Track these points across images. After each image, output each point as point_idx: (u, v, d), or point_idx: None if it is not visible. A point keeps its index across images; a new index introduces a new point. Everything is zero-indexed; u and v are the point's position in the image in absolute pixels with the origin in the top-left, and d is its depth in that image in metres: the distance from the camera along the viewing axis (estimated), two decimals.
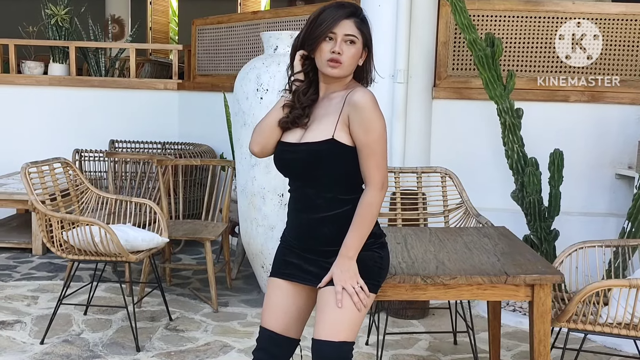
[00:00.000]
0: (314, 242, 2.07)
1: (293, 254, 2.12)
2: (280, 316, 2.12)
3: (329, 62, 1.99)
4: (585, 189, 4.32)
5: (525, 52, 4.31)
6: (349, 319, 1.99)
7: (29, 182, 3.32)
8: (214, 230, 4.09)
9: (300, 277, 2.10)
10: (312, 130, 2.03)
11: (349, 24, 1.99)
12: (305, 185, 2.06)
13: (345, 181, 2.03)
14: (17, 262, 4.91)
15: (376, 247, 2.07)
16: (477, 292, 2.23)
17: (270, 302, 2.15)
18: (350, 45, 1.99)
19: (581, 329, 2.43)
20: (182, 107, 6.03)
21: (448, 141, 4.29)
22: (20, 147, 5.94)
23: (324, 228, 2.04)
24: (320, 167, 2.00)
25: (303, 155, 2.01)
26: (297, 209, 2.10)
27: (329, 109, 2.03)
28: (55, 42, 6.10)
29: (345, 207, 2.03)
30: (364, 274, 2.01)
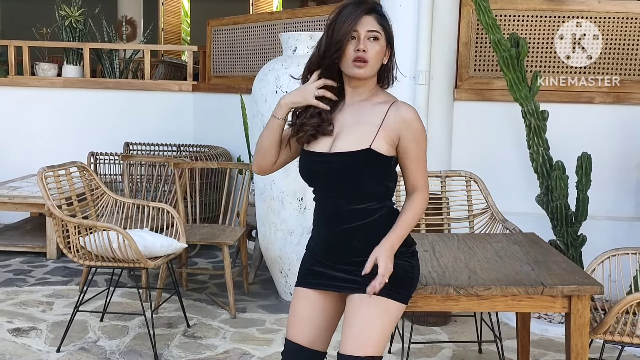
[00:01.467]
0: (343, 255, 2.00)
1: (320, 264, 2.05)
2: (307, 328, 2.04)
3: (354, 63, 1.90)
4: (611, 193, 4.22)
5: (549, 53, 4.21)
6: (376, 332, 1.92)
7: (45, 187, 3.27)
8: (231, 235, 4.02)
9: (327, 285, 2.03)
10: (344, 139, 1.94)
11: (370, 20, 1.91)
12: (334, 195, 1.98)
13: (377, 191, 1.96)
14: (32, 267, 4.87)
15: (407, 256, 2.01)
16: (511, 303, 2.15)
17: (296, 313, 2.07)
18: (374, 42, 1.91)
19: (618, 341, 2.34)
20: (197, 109, 5.97)
21: (470, 143, 4.21)
22: (34, 150, 5.91)
23: (354, 240, 1.97)
24: (354, 177, 1.93)
25: (336, 165, 1.93)
26: (325, 220, 2.03)
27: (362, 117, 1.95)
28: (69, 43, 6.06)
29: (374, 215, 1.96)
30: (395, 284, 1.94)
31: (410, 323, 3.21)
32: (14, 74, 6.09)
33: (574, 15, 4.17)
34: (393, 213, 2.00)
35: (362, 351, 1.90)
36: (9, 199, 4.98)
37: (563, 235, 3.58)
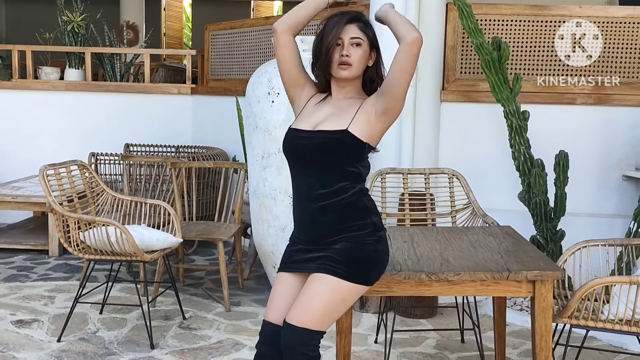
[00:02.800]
0: (316, 231, 2.16)
1: (298, 247, 2.21)
2: (283, 308, 2.17)
3: (339, 66, 2.14)
4: (592, 191, 4.37)
5: (532, 56, 4.36)
6: (319, 307, 2.06)
7: (47, 183, 3.42)
8: (226, 231, 4.18)
9: (303, 267, 2.18)
10: (326, 123, 2.14)
11: (352, 28, 2.15)
12: (310, 172, 2.15)
13: (349, 172, 2.13)
14: (34, 264, 5.03)
15: (372, 240, 2.14)
16: (480, 288, 2.30)
17: (275, 295, 2.22)
18: (357, 48, 2.14)
19: (583, 325, 2.48)
20: (196, 111, 6.13)
21: (456, 143, 4.36)
22: (36, 151, 6.07)
23: (325, 216, 2.13)
24: (330, 155, 2.11)
25: (315, 140, 2.12)
26: (300, 200, 2.20)
27: (345, 108, 2.16)
28: (72, 48, 6.23)
29: (347, 193, 2.12)
30: (350, 265, 2.09)
31: (394, 314, 3.35)
32: (17, 78, 6.25)
33: (556, 20, 4.32)
34: (364, 194, 2.17)
35: (300, 322, 2.06)
36: (13, 198, 5.14)
37: (543, 230, 3.73)
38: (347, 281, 2.09)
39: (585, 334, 2.54)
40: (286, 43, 2.20)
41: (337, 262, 2.10)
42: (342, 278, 2.09)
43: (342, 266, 2.09)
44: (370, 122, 2.11)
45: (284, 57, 2.22)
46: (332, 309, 2.10)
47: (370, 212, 2.17)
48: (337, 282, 2.09)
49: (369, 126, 2.11)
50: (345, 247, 2.12)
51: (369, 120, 2.11)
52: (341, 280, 2.09)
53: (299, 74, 2.25)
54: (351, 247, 2.11)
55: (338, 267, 2.09)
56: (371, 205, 2.20)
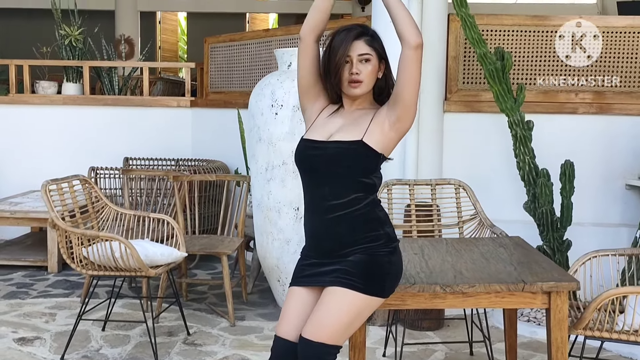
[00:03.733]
0: (329, 243, 2.13)
1: (310, 263, 2.18)
2: (296, 323, 2.15)
3: (350, 84, 2.13)
4: (597, 200, 4.36)
5: (533, 65, 4.36)
6: (335, 321, 2.04)
7: (49, 199, 3.39)
8: (229, 245, 4.14)
9: (317, 281, 2.15)
10: (340, 134, 2.12)
11: (360, 44, 2.12)
12: (322, 183, 2.12)
13: (363, 183, 2.10)
14: (33, 280, 4.97)
15: (386, 252, 2.12)
16: (495, 300, 2.27)
17: (286, 310, 2.19)
18: (366, 64, 2.12)
19: (598, 337, 2.46)
20: (195, 124, 6.11)
21: (460, 153, 4.34)
22: (34, 166, 6.02)
23: (338, 227, 2.11)
24: (345, 165, 2.08)
25: (330, 151, 2.10)
26: (313, 212, 2.17)
27: (358, 119, 2.14)
28: (69, 62, 6.20)
29: (358, 205, 2.10)
30: (365, 277, 2.06)
31: (403, 327, 3.32)
32: (14, 92, 6.22)
33: (557, 30, 4.33)
34: (377, 205, 2.15)
35: (317, 337, 2.03)
36: (11, 214, 5.09)
37: (549, 240, 3.71)
38: (363, 294, 2.06)
39: (600, 346, 2.52)
40: (306, 48, 2.18)
41: (351, 275, 2.07)
42: (358, 291, 2.06)
43: (357, 279, 2.06)
44: (384, 132, 2.09)
45: (302, 62, 2.21)
46: (348, 323, 2.07)
47: (383, 223, 2.15)
48: (352, 295, 2.06)
49: (383, 136, 2.09)
50: (359, 259, 2.09)
51: (383, 130, 2.09)
52: (356, 293, 2.06)
53: (313, 83, 2.22)
54: (365, 259, 2.09)
55: (353, 280, 2.06)
56: (384, 216, 2.18)
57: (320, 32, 2.19)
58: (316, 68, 2.20)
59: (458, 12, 3.69)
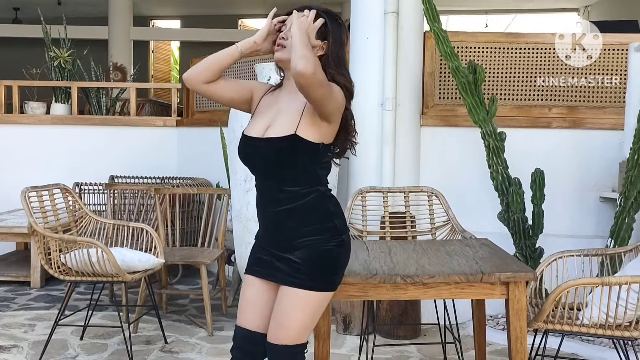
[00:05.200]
0: (279, 235, 2.13)
1: (265, 251, 2.19)
2: (254, 313, 2.18)
3: (275, 45, 2.13)
4: (571, 212, 4.43)
5: (507, 81, 4.48)
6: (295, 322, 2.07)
7: (28, 205, 3.44)
8: (209, 255, 4.19)
9: (270, 274, 2.16)
10: (275, 126, 2.08)
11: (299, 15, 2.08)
12: (268, 179, 2.13)
13: (305, 175, 2.09)
14: (15, 294, 4.99)
15: (333, 244, 2.10)
16: (455, 291, 2.32)
17: (244, 300, 2.22)
18: None
19: (559, 330, 2.51)
20: (181, 143, 6.19)
21: (437, 166, 4.42)
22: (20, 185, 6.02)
23: (288, 220, 2.10)
24: (281, 162, 2.06)
25: (264, 150, 2.07)
26: (262, 203, 2.18)
27: (293, 103, 2.09)
28: (58, 82, 6.30)
29: (306, 198, 2.09)
30: (318, 271, 2.07)
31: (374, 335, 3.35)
32: (3, 112, 6.30)
33: (530, 47, 4.45)
34: (326, 196, 2.13)
35: (281, 340, 2.08)
36: None
37: (522, 248, 3.77)
38: (316, 292, 2.08)
39: (561, 339, 2.56)
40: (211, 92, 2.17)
41: (302, 274, 2.07)
42: (311, 289, 2.07)
43: (308, 277, 2.07)
44: (317, 123, 2.04)
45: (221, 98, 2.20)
46: (309, 321, 2.10)
47: (332, 215, 2.12)
48: (307, 295, 2.07)
49: (318, 127, 2.04)
50: (306, 255, 2.08)
51: (315, 122, 2.04)
52: (311, 292, 2.07)
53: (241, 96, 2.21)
54: (313, 254, 2.08)
55: (304, 279, 2.07)
56: (334, 208, 2.15)
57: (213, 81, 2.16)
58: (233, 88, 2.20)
59: (431, 27, 3.81)
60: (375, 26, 4.17)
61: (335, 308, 4.06)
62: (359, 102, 4.24)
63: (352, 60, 4.27)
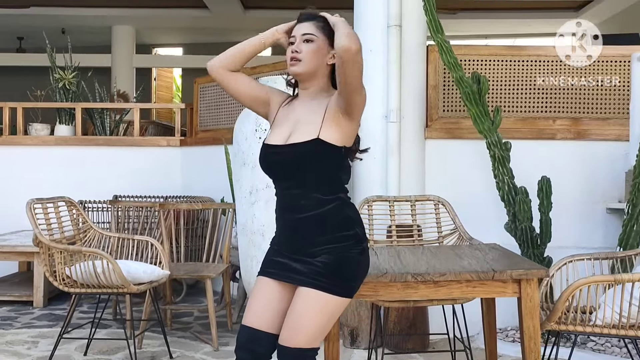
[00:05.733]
0: (300, 242, 2.11)
1: (282, 255, 2.17)
2: (262, 313, 2.14)
3: (289, 62, 2.14)
4: (578, 224, 4.40)
5: (511, 93, 4.50)
6: (310, 325, 2.03)
7: (33, 216, 3.43)
8: (214, 270, 4.15)
9: (286, 276, 2.13)
10: (296, 133, 2.10)
11: (306, 25, 2.14)
12: (290, 186, 2.12)
13: (329, 181, 2.10)
14: (18, 314, 4.94)
15: (356, 252, 2.10)
16: (466, 289, 2.30)
17: (253, 300, 2.18)
18: (309, 44, 2.11)
19: (572, 330, 2.47)
20: (185, 162, 6.20)
21: (442, 178, 4.41)
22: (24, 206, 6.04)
23: (308, 226, 2.09)
24: (304, 167, 2.07)
25: (288, 156, 2.08)
26: (283, 210, 2.17)
27: (312, 112, 2.11)
28: (62, 104, 6.33)
29: (329, 205, 2.09)
30: (335, 278, 2.05)
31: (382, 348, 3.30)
32: (7, 134, 6.32)
33: (532, 60, 4.48)
34: (346, 204, 2.14)
35: (293, 342, 2.02)
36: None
37: (530, 257, 3.74)
38: (335, 295, 2.05)
39: (574, 339, 2.52)
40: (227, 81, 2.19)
41: (322, 277, 2.05)
42: (330, 293, 2.05)
43: (328, 280, 2.05)
44: (339, 123, 2.06)
45: (235, 89, 2.21)
46: (323, 325, 2.06)
47: (353, 222, 2.13)
48: (324, 298, 2.04)
49: (340, 128, 2.06)
50: (329, 260, 2.06)
51: (338, 122, 2.05)
52: (328, 295, 2.05)
53: (257, 95, 2.23)
54: (335, 260, 2.06)
55: (324, 282, 2.04)
56: (354, 215, 2.16)
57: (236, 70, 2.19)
58: (248, 84, 2.21)
59: (434, 38, 3.84)
60: (378, 39, 4.19)
61: (343, 322, 4.02)
62: (363, 115, 4.29)
63: None
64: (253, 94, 2.23)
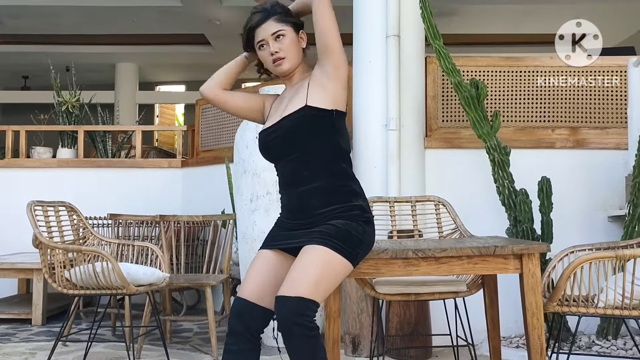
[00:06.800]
0: (304, 214, 2.14)
1: (283, 229, 2.20)
2: (256, 285, 2.13)
3: (274, 64, 2.21)
4: (580, 233, 4.37)
5: (509, 103, 4.54)
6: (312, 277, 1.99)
7: (34, 216, 3.43)
8: (215, 278, 4.12)
9: (285, 245, 2.16)
10: (287, 109, 2.18)
11: (269, 24, 2.20)
12: (291, 160, 2.16)
13: (328, 147, 2.14)
14: (17, 330, 4.89)
15: (361, 221, 2.13)
16: (467, 266, 2.29)
17: (249, 272, 2.18)
18: (282, 39, 2.19)
19: (575, 312, 2.44)
20: (186, 183, 6.21)
21: (442, 187, 4.40)
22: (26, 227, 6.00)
23: (313, 199, 2.12)
24: (300, 135, 2.12)
25: (282, 130, 2.15)
26: (286, 185, 2.20)
27: (299, 90, 2.20)
28: (64, 127, 6.38)
29: (333, 177, 2.13)
30: (340, 239, 2.05)
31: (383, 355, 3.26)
32: (10, 157, 6.36)
33: (530, 70, 4.54)
34: (350, 177, 2.17)
35: (293, 292, 1.96)
36: None
37: None
38: (338, 254, 2.05)
39: (577, 321, 2.49)
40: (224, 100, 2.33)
41: (329, 236, 2.06)
42: (334, 250, 2.04)
43: (334, 239, 2.05)
44: (324, 87, 2.13)
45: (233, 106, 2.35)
46: (325, 279, 2.03)
47: (357, 195, 2.16)
48: (329, 253, 2.04)
49: (326, 91, 2.13)
50: (336, 223, 2.08)
51: (323, 86, 2.14)
52: (333, 252, 2.04)
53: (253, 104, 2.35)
54: (342, 223, 2.08)
55: (330, 240, 2.05)
56: (359, 189, 2.19)
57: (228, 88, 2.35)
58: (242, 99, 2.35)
59: (432, 44, 3.89)
60: (377, 49, 4.26)
61: (344, 330, 3.97)
62: (363, 124, 4.33)
63: (356, 82, 4.35)
64: (249, 105, 2.36)
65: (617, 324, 3.87)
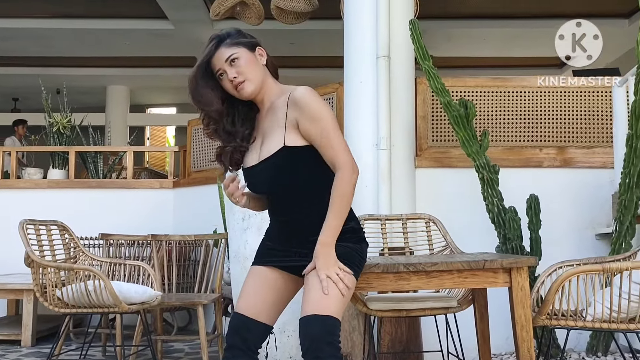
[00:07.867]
0: (297, 235, 2.16)
1: (277, 244, 2.22)
2: (253, 300, 2.15)
3: (237, 90, 2.12)
4: (568, 251, 4.38)
5: (497, 124, 4.61)
6: (334, 298, 2.00)
7: (25, 235, 3.44)
8: (206, 297, 4.13)
9: (280, 264, 2.17)
10: (266, 145, 2.13)
11: (221, 52, 2.11)
12: (278, 198, 2.17)
13: (312, 182, 2.12)
14: (6, 352, 4.85)
15: (354, 240, 2.14)
16: (458, 280, 2.32)
17: (246, 288, 2.19)
18: (237, 62, 2.11)
19: (564, 325, 2.48)
20: (178, 204, 6.22)
21: (433, 206, 4.44)
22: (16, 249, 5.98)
23: (303, 228, 2.13)
24: (282, 176, 2.10)
25: (264, 173, 2.12)
26: (276, 212, 2.22)
27: (274, 117, 2.14)
28: (55, 147, 6.39)
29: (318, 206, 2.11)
30: (346, 259, 2.07)
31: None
32: (0, 178, 6.35)
33: (517, 91, 4.62)
34: None
35: (322, 310, 1.96)
36: None
37: None
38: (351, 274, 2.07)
39: (566, 335, 2.52)
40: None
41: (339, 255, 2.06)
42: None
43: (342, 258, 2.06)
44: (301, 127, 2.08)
45: None
46: (346, 298, 2.03)
47: (348, 219, 2.14)
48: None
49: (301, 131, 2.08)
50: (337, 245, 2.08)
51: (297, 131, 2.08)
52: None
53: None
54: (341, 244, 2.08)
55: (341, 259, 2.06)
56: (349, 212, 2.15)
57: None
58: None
59: (422, 65, 3.96)
60: (368, 70, 4.32)
61: None
62: (354, 143, 4.38)
63: (347, 103, 4.40)
64: None
65: (607, 341, 3.90)
